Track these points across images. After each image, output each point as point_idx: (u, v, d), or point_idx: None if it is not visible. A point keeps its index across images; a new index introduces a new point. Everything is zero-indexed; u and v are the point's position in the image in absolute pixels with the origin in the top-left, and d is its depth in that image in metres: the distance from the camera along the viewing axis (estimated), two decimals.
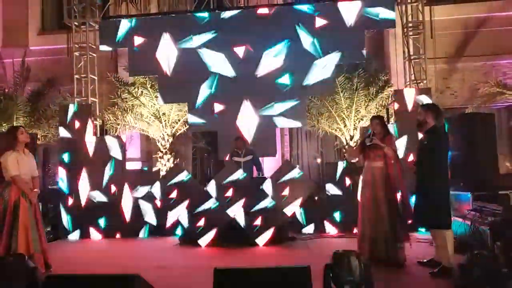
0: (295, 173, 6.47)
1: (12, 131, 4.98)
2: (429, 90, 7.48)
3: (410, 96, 7.30)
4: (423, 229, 6.32)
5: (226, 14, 8.08)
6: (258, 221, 6.26)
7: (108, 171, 7.59)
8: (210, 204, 6.42)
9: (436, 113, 4.60)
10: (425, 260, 4.81)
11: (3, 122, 9.04)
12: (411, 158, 7.04)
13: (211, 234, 6.34)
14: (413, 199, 4.87)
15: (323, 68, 7.74)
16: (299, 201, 6.45)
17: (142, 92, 8.96)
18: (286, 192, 6.37)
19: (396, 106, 7.37)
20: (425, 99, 7.10)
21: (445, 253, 4.45)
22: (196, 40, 8.05)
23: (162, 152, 9.36)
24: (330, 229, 7.07)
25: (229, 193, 6.37)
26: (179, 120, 9.25)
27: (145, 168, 8.53)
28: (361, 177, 5.13)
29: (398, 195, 4.94)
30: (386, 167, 4.88)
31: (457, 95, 9.63)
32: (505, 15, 9.53)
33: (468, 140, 6.40)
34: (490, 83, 8.90)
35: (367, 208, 4.93)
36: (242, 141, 7.43)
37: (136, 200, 7.47)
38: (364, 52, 7.71)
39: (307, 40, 7.80)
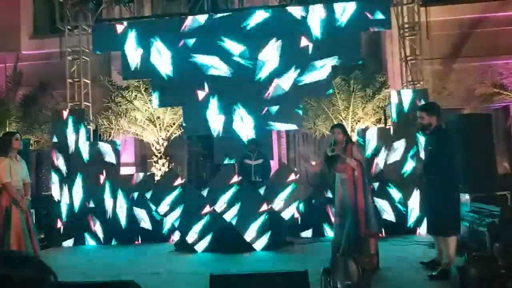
0: (292, 176, 6.39)
1: (7, 137, 4.92)
2: (426, 91, 7.44)
3: (407, 97, 7.26)
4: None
5: (221, 16, 8.02)
6: (255, 226, 6.18)
7: (102, 177, 7.49)
8: (206, 209, 6.32)
9: (438, 113, 4.50)
10: (426, 261, 4.74)
11: None
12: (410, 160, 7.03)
13: (207, 240, 6.25)
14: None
15: (319, 70, 7.68)
16: (296, 204, 6.37)
17: (136, 95, 8.85)
18: (283, 195, 6.28)
19: (393, 107, 7.32)
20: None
21: (447, 257, 4.38)
22: (190, 43, 7.98)
23: (157, 156, 9.26)
24: (328, 233, 7.00)
25: (225, 197, 6.28)
26: (173, 124, 9.16)
27: (140, 173, 8.43)
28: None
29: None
30: (353, 177, 4.77)
31: (454, 95, 9.58)
32: (501, 15, 9.52)
33: (466, 141, 6.35)
34: (487, 84, 8.87)
35: (337, 218, 4.90)
36: (255, 144, 7.35)
37: (130, 206, 7.37)
38: (360, 53, 7.66)
39: (302, 42, 7.74)
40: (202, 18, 8.01)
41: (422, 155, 6.82)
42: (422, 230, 6.78)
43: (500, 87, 8.90)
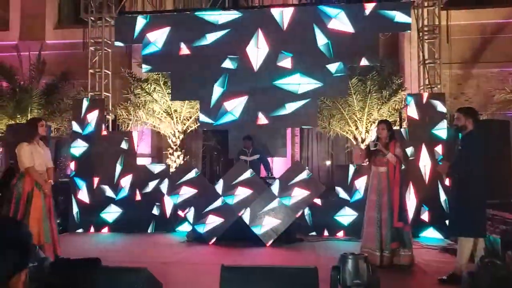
0: (305, 174, 6.45)
1: (33, 122, 5.01)
2: (443, 95, 7.40)
3: (424, 100, 7.23)
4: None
5: (241, 13, 8.08)
6: (265, 221, 6.26)
7: (118, 166, 7.66)
8: (218, 202, 6.43)
9: (476, 119, 4.50)
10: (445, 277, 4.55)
11: (18, 114, 9.18)
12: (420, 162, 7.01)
13: (218, 232, 6.35)
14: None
15: (337, 70, 7.69)
16: (307, 202, 6.43)
17: (154, 88, 9.01)
18: (295, 193, 6.35)
19: (409, 110, 7.30)
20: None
21: (460, 260, 4.36)
22: (210, 38, 8.05)
23: (172, 148, 9.41)
24: (337, 232, 7.04)
25: (238, 192, 6.38)
26: (190, 117, 9.29)
27: (155, 164, 8.58)
28: (369, 181, 5.18)
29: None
30: (390, 172, 4.94)
31: (472, 101, 9.50)
32: None
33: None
34: (506, 90, 8.76)
35: (371, 212, 4.98)
36: (250, 140, 7.45)
37: (145, 196, 7.51)
38: (378, 55, 7.64)
39: (321, 41, 7.75)
40: (222, 14, 8.08)
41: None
42: (430, 233, 6.78)
43: None
